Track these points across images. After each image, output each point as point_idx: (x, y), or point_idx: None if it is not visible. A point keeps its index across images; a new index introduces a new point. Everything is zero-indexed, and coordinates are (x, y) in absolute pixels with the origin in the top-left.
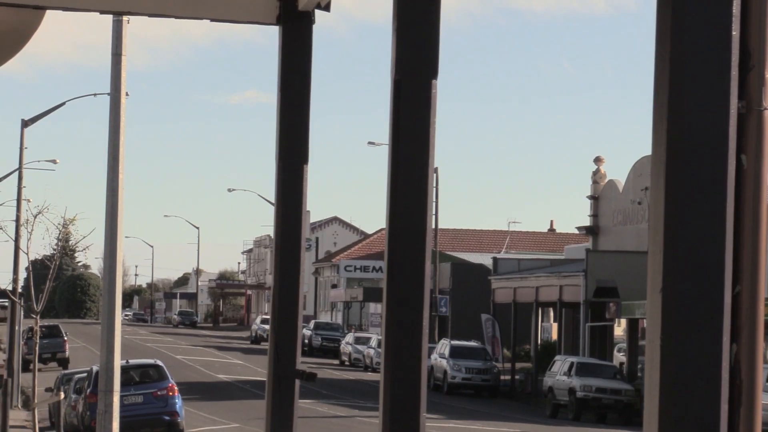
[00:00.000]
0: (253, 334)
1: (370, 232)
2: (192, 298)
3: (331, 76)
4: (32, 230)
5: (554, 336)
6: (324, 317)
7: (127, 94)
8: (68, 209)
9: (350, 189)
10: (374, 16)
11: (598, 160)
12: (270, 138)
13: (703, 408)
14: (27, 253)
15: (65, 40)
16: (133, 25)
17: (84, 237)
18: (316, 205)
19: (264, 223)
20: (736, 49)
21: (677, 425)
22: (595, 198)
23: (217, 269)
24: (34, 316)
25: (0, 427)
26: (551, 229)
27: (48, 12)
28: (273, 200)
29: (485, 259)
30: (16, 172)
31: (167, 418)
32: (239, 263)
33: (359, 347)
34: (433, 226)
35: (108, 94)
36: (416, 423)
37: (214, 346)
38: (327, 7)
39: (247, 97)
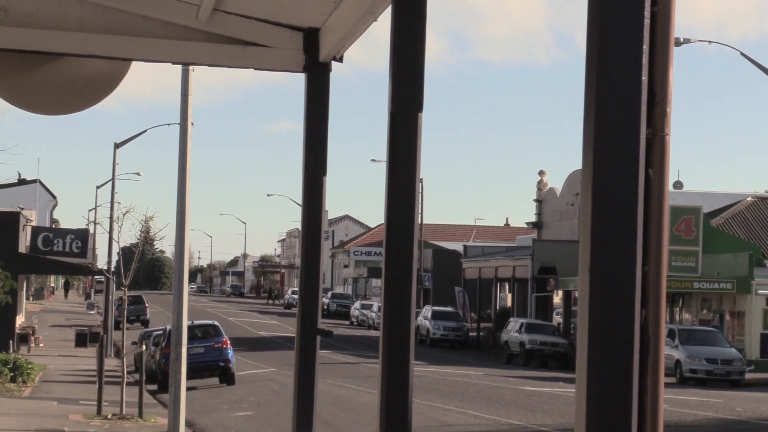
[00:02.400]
0: (286, 302)
1: (372, 225)
2: (240, 275)
3: (344, 110)
4: (122, 225)
5: (509, 303)
6: (338, 289)
7: (192, 124)
8: (149, 209)
9: (357, 194)
10: (375, 65)
11: (541, 173)
12: (298, 156)
13: (620, 356)
14: (118, 242)
15: (147, 83)
16: (197, 72)
17: (160, 230)
18: (333, 206)
19: (294, 219)
20: (645, 90)
21: (601, 369)
22: (539, 201)
23: (259, 253)
24: (123, 288)
25: (97, 371)
26: (507, 224)
27: (133, 62)
28: (300, 202)
29: (458, 247)
30: (110, 182)
31: (222, 364)
32: (275, 249)
33: (364, 311)
34: (419, 222)
35: (178, 124)
36: (406, 367)
37: (257, 310)
38: (340, 59)
39: (281, 126)
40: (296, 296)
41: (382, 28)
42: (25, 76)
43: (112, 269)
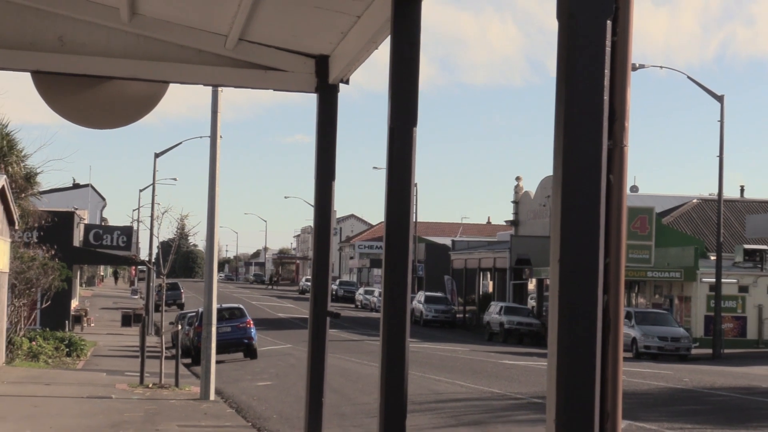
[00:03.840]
0: (300, 288)
1: (374, 223)
2: (262, 265)
3: (350, 124)
4: (161, 223)
5: (490, 289)
6: (345, 277)
7: (220, 137)
8: (183, 209)
9: (361, 196)
10: (376, 86)
11: (518, 179)
12: (311, 164)
13: (585, 335)
14: (158, 237)
15: (182, 102)
16: (225, 93)
17: (194, 227)
18: (340, 206)
19: (307, 218)
20: (606, 107)
21: (569, 346)
22: (516, 202)
23: (278, 247)
24: (162, 277)
25: (140, 347)
26: (488, 222)
27: (171, 84)
28: (313, 203)
29: (447, 241)
30: (151, 186)
31: (246, 341)
32: (292, 243)
33: (367, 296)
34: (414, 220)
35: (209, 136)
36: (403, 344)
37: (276, 295)
38: (347, 82)
39: (296, 139)
40: (309, 283)
41: (382, 55)
42: (79, 96)
43: (153, 260)
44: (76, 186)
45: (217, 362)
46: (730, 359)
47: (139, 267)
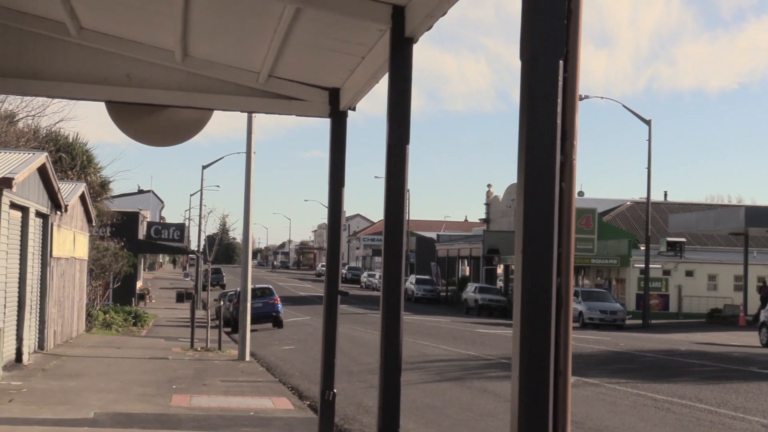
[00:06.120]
0: (317, 272)
1: (375, 221)
2: (287, 254)
3: (357, 142)
4: (207, 220)
5: (467, 273)
6: (352, 263)
7: (254, 152)
8: (225, 209)
9: (365, 199)
10: (377, 112)
11: (489, 185)
12: (325, 174)
13: (542, 309)
14: (204, 232)
15: (223, 125)
16: (257, 118)
17: (233, 224)
18: (348, 207)
19: (322, 217)
20: (559, 129)
21: (529, 318)
22: (488, 204)
23: (299, 239)
24: (208, 263)
25: (190, 319)
26: (466, 220)
27: (214, 111)
28: (327, 205)
29: (433, 235)
30: (199, 192)
31: (274, 314)
32: (310, 236)
33: (370, 279)
34: (407, 218)
35: (245, 152)
36: (398, 316)
37: (298, 278)
38: (354, 109)
39: (314, 154)
40: (324, 268)
41: (382, 87)
42: (143, 121)
43: (201, 250)
44: (140, 191)
45: (251, 331)
46: (656, 328)
47: (190, 255)
